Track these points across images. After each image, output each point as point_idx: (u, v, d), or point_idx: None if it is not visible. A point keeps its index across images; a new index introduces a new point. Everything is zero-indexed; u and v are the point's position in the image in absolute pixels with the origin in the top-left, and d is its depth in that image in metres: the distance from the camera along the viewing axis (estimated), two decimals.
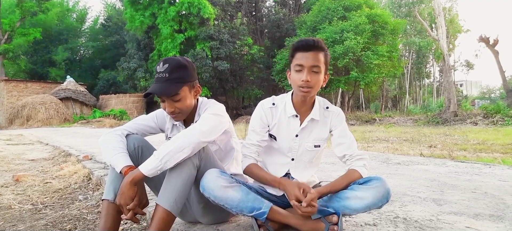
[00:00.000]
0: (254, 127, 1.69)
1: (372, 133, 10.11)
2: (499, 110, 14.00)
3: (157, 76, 1.60)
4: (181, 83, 1.60)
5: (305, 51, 1.54)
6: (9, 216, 2.35)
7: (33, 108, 20.54)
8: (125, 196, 1.40)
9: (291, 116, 1.66)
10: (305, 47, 1.54)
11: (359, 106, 28.31)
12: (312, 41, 1.54)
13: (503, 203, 2.07)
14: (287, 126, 1.67)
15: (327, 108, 1.70)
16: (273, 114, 1.69)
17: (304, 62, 1.53)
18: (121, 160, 1.52)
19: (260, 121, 1.68)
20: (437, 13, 16.66)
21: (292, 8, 26.59)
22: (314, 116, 1.65)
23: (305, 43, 1.55)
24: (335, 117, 1.68)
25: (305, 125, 1.65)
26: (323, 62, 1.55)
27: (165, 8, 20.30)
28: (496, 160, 4.43)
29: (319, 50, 1.55)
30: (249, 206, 1.45)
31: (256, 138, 1.67)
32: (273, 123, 1.68)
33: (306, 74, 1.52)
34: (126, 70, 22.77)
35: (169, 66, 1.58)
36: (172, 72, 1.58)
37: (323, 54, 1.56)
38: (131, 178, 1.40)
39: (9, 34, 25.02)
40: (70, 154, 5.26)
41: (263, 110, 1.69)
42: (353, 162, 1.61)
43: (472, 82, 47.90)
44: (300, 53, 1.55)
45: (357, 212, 1.48)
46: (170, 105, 1.61)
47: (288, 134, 1.67)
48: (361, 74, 17.45)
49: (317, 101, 1.69)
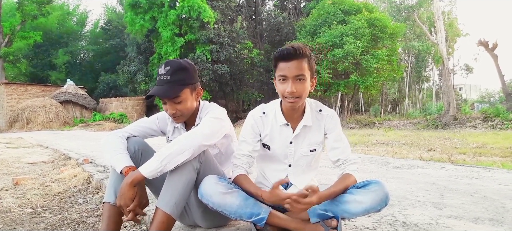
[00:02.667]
0: (245, 137, 1.66)
1: (372, 136, 10.11)
2: (498, 114, 13.99)
3: (159, 79, 1.61)
4: (183, 85, 1.61)
5: (287, 61, 1.48)
6: (9, 220, 2.35)
7: (33, 112, 20.55)
8: (125, 197, 1.40)
9: (282, 124, 1.64)
10: (286, 57, 1.48)
11: (358, 110, 28.30)
12: (293, 50, 1.47)
13: (502, 207, 2.07)
14: (280, 134, 1.65)
15: (320, 111, 1.67)
16: (264, 124, 1.66)
17: (287, 72, 1.49)
18: (122, 160, 1.52)
19: (252, 130, 1.65)
20: (436, 17, 16.71)
21: (292, 12, 26.65)
22: (306, 123, 1.63)
23: (286, 53, 1.48)
24: (329, 119, 1.66)
25: (297, 132, 1.63)
26: (307, 69, 1.51)
27: (165, 11, 20.35)
28: (495, 163, 4.43)
29: (302, 58, 1.49)
30: (248, 212, 1.45)
31: (248, 149, 1.64)
32: (265, 133, 1.66)
33: (291, 85, 1.49)
34: (126, 74, 22.79)
35: (171, 68, 1.59)
36: (174, 75, 1.59)
37: (306, 60, 1.50)
38: (131, 179, 1.41)
39: (9, 37, 25.09)
40: (70, 157, 5.25)
41: (253, 120, 1.66)
42: (347, 166, 1.61)
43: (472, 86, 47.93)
44: (282, 63, 1.50)
45: (356, 216, 1.48)
46: (171, 107, 1.62)
47: (282, 142, 1.65)
48: (360, 78, 17.47)
49: (308, 106, 1.66)
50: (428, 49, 27.63)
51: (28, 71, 29.96)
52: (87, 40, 35.39)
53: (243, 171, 1.62)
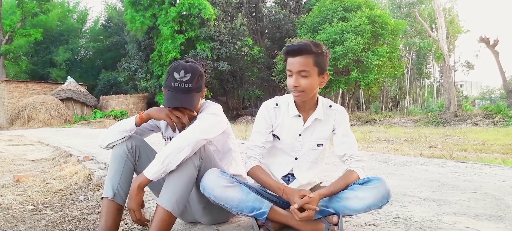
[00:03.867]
0: (258, 128, 1.69)
1: (373, 133, 10.11)
2: (499, 111, 13.98)
3: (178, 86, 1.56)
4: (200, 92, 1.64)
5: (292, 56, 1.53)
6: (10, 217, 2.36)
7: (33, 109, 20.56)
8: (134, 200, 1.45)
9: (294, 115, 1.66)
10: (292, 52, 1.53)
11: (359, 107, 28.29)
12: (298, 46, 1.51)
13: (503, 204, 2.07)
14: (290, 125, 1.67)
15: (330, 107, 1.70)
16: (277, 115, 1.69)
17: (292, 67, 1.53)
18: (128, 121, 1.62)
19: (264, 121, 1.68)
20: (437, 14, 16.67)
21: (293, 9, 26.59)
22: (318, 116, 1.65)
23: (291, 49, 1.53)
24: (339, 115, 1.68)
25: (308, 124, 1.65)
26: (312, 65, 1.51)
27: (165, 9, 20.31)
28: (496, 160, 4.43)
29: (307, 54, 1.50)
30: (249, 206, 1.45)
31: (261, 139, 1.66)
32: (277, 123, 1.68)
33: (295, 80, 1.53)
34: (127, 71, 22.78)
35: (192, 76, 1.57)
36: (194, 82, 1.58)
37: (312, 57, 1.51)
38: (137, 183, 1.44)
39: (10, 35, 25.06)
40: (70, 154, 5.26)
41: (267, 111, 1.69)
42: (353, 163, 1.61)
43: (472, 82, 47.84)
44: (289, 58, 1.55)
45: (357, 212, 1.48)
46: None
47: (291, 133, 1.67)
48: (361, 75, 17.45)
49: (321, 101, 1.69)
50: (429, 46, 27.57)
51: (29, 68, 29.97)
52: (87, 38, 35.38)
53: (257, 162, 1.64)
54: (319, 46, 1.53)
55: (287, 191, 1.49)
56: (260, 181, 1.59)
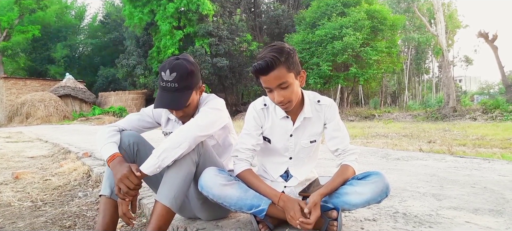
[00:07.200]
0: (249, 130, 1.63)
1: (372, 128, 10.12)
2: (498, 106, 14.01)
3: (165, 86, 1.53)
4: (190, 90, 1.56)
5: (264, 74, 1.43)
6: (9, 213, 2.35)
7: (32, 106, 20.53)
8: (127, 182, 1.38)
9: (282, 117, 1.62)
10: (262, 71, 1.43)
11: (358, 102, 28.31)
12: (266, 63, 1.40)
13: (502, 198, 2.07)
14: (280, 127, 1.63)
15: (319, 101, 1.65)
16: (266, 116, 1.65)
17: (269, 84, 1.46)
18: (107, 150, 1.51)
19: (254, 122, 1.63)
20: (436, 9, 16.63)
21: (291, 4, 26.49)
22: (306, 114, 1.61)
23: (260, 68, 1.42)
24: (328, 109, 1.64)
25: (298, 124, 1.62)
26: (287, 73, 1.44)
27: (164, 4, 20.22)
28: (495, 155, 4.44)
29: (278, 66, 1.41)
30: (248, 204, 1.45)
31: (251, 142, 1.61)
32: (266, 125, 1.64)
33: (277, 94, 1.46)
34: (125, 67, 22.72)
35: (177, 74, 1.51)
36: (181, 81, 1.52)
37: (285, 65, 1.43)
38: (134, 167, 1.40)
39: (7, 31, 24.99)
40: (69, 151, 5.25)
41: (255, 112, 1.64)
42: (346, 157, 1.60)
43: (471, 77, 47.87)
44: (262, 76, 1.46)
45: (357, 207, 1.47)
46: (178, 112, 1.60)
47: (282, 135, 1.64)
48: (360, 70, 17.44)
49: (307, 97, 1.63)
50: (428, 41, 27.58)
51: (27, 65, 29.88)
52: (85, 34, 35.28)
53: (248, 165, 1.59)
54: (283, 50, 1.44)
55: (284, 199, 1.44)
56: (253, 185, 1.53)
